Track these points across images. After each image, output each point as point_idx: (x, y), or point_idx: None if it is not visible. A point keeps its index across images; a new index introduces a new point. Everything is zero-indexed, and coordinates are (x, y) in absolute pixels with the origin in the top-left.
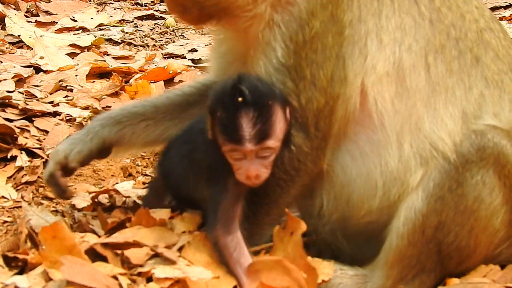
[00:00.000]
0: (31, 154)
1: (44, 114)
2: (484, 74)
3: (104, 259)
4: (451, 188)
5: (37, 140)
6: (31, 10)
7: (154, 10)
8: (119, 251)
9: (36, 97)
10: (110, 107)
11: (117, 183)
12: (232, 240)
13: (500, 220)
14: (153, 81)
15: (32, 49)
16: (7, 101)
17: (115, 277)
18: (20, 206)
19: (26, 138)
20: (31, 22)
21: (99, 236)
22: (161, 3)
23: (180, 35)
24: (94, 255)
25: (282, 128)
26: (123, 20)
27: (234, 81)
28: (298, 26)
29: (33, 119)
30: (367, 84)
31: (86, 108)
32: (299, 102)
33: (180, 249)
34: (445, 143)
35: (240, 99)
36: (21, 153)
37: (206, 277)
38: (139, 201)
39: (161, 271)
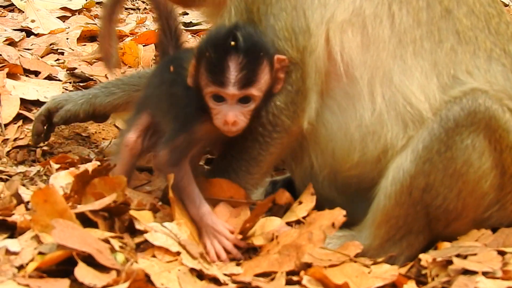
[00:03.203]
0: (22, 117)
1: None
2: (456, 28)
3: (94, 225)
4: (439, 151)
5: None
6: None
7: None
8: (106, 214)
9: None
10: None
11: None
12: (179, 171)
13: (489, 183)
14: (144, 44)
15: (23, 12)
16: None
17: (106, 241)
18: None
19: None
20: None
21: None
22: None
23: None
24: (83, 221)
25: (266, 81)
26: None
27: (230, 26)
28: None
29: None
30: (330, 34)
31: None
32: None
33: None
34: (418, 99)
35: (232, 43)
36: None
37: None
38: None
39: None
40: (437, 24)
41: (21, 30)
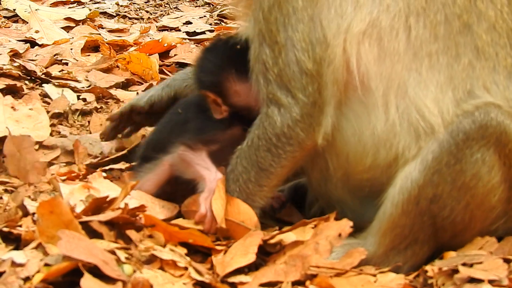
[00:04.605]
0: None
1: None
2: (475, 44)
3: (99, 236)
4: (449, 163)
5: None
6: None
7: None
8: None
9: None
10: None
11: None
12: (195, 154)
13: (497, 197)
14: (148, 54)
15: (27, 23)
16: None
17: (112, 252)
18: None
19: None
20: None
21: None
22: None
23: (174, 8)
24: (89, 232)
25: None
26: None
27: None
28: None
29: None
30: (347, 45)
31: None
32: (278, 66)
33: None
34: (431, 112)
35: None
36: None
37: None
38: None
39: None
40: (454, 39)
41: (25, 41)
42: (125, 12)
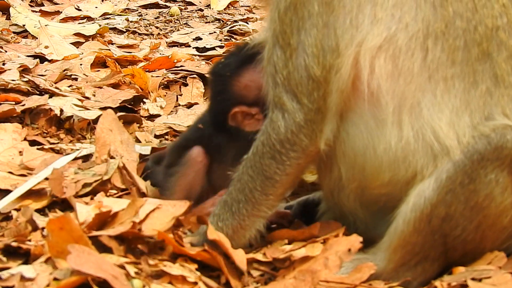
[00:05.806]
0: (37, 144)
1: None
2: (494, 71)
3: (109, 250)
4: (463, 182)
5: None
6: None
7: None
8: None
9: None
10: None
11: None
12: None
13: (509, 219)
14: (157, 69)
15: (37, 38)
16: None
17: (121, 266)
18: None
19: None
20: (36, 11)
21: None
22: None
23: (184, 24)
24: (99, 246)
25: None
26: (128, 9)
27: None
28: None
29: None
30: (360, 57)
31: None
32: (287, 69)
33: None
34: (446, 135)
35: None
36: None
37: None
38: None
39: None
40: (472, 65)
41: (34, 56)
42: (135, 28)
